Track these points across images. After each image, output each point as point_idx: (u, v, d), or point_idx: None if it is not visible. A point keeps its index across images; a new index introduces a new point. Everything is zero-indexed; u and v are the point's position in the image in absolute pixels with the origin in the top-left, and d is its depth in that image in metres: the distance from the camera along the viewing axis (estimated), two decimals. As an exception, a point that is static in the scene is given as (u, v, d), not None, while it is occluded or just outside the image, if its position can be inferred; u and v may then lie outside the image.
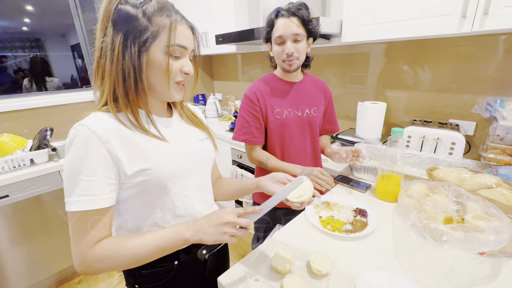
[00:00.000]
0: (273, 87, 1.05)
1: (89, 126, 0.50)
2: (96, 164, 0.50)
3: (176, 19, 0.54)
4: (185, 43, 0.55)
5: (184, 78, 0.58)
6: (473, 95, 1.24)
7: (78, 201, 0.49)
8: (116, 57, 0.51)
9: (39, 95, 1.93)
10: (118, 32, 0.51)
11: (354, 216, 0.85)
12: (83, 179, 0.49)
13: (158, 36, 0.52)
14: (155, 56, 0.53)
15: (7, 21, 1.82)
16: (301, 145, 1.09)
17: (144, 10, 0.51)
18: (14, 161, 1.45)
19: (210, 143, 0.73)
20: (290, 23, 0.91)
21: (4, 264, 1.44)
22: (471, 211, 0.72)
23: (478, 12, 0.91)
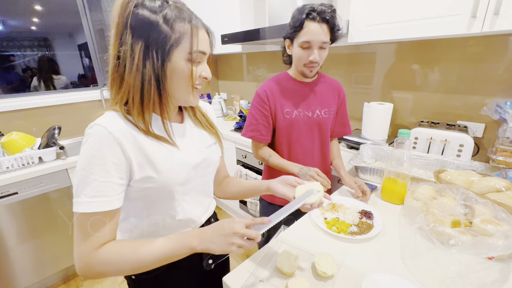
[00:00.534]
0: (285, 87, 1.04)
1: (106, 126, 0.49)
2: (110, 165, 0.49)
3: (197, 24, 0.53)
4: (205, 48, 0.55)
5: (202, 82, 0.58)
6: (482, 96, 1.22)
7: (91, 202, 0.48)
8: (136, 66, 0.50)
9: (48, 94, 1.95)
10: (138, 40, 0.49)
11: (359, 218, 0.84)
12: (96, 179, 0.48)
13: (180, 43, 0.51)
14: (177, 63, 0.52)
15: (17, 21, 1.85)
16: (308, 146, 1.08)
17: (165, 16, 0.50)
18: (23, 159, 1.47)
19: (217, 148, 0.73)
20: (320, 30, 0.88)
21: (12, 260, 1.47)
22: (480, 215, 0.71)
23: (489, 12, 0.89)
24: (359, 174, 1.16)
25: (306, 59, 0.93)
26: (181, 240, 0.53)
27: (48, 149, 1.55)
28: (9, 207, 1.41)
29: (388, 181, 0.94)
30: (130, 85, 0.51)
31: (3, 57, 1.84)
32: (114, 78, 0.53)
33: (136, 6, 0.49)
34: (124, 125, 0.52)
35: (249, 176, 1.80)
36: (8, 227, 1.43)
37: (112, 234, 0.53)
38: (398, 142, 0.89)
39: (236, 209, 2.21)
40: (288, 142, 1.07)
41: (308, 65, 0.95)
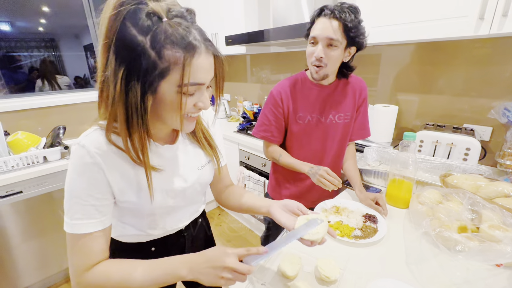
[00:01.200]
0: (300, 89, 1.00)
1: (88, 149, 0.48)
2: (92, 189, 0.49)
3: (192, 50, 0.43)
4: (202, 78, 0.47)
5: (197, 111, 0.52)
6: (489, 99, 1.20)
7: (75, 225, 0.49)
8: (118, 94, 0.44)
9: (53, 94, 1.97)
10: (121, 66, 0.42)
11: (363, 222, 0.83)
12: (78, 202, 0.49)
13: (169, 74, 0.43)
14: (165, 95, 0.45)
15: (25, 22, 1.87)
16: (319, 151, 1.06)
17: (153, 38, 0.41)
18: (28, 158, 1.48)
19: (211, 167, 0.70)
20: (329, 26, 0.82)
21: (16, 259, 1.48)
22: (487, 220, 0.70)
23: (497, 14, 0.87)
24: (363, 177, 1.14)
25: (312, 55, 0.89)
26: (169, 269, 0.51)
27: (52, 148, 1.56)
28: (13, 206, 1.42)
29: (393, 184, 0.92)
30: (114, 110, 0.46)
31: (11, 57, 1.87)
32: (101, 102, 0.49)
33: (123, 22, 0.41)
34: (107, 147, 0.49)
35: (252, 178, 1.79)
36: (13, 225, 1.44)
37: (103, 253, 0.52)
38: (404, 145, 0.88)
39: (248, 217, 2.20)
40: (298, 146, 1.06)
41: (314, 63, 0.89)
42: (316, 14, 0.87)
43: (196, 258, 0.51)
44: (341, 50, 0.86)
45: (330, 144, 1.05)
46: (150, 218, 0.62)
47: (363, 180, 1.14)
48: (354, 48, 0.90)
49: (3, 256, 1.44)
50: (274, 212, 0.64)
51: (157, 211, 0.60)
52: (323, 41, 0.85)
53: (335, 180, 0.85)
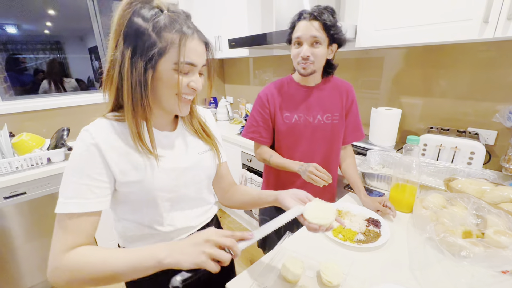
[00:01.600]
0: (286, 91, 1.04)
1: (91, 132, 0.52)
2: (91, 169, 0.51)
3: (187, 34, 0.51)
4: (195, 60, 0.53)
5: (191, 93, 0.57)
6: (494, 103, 1.19)
7: (67, 204, 0.50)
8: (125, 72, 0.50)
9: (58, 96, 2.00)
10: (128, 46, 0.50)
11: (366, 226, 0.83)
12: (74, 181, 0.50)
13: (167, 53, 0.51)
14: (163, 73, 0.52)
15: (31, 25, 1.90)
16: (308, 152, 1.06)
17: (154, 24, 0.50)
18: (32, 159, 1.50)
19: (212, 154, 0.71)
20: (310, 26, 0.88)
21: (19, 259, 1.49)
22: (493, 226, 0.69)
23: (502, 17, 0.87)
24: (366, 180, 1.14)
25: (298, 56, 0.93)
26: (148, 250, 0.48)
27: (56, 150, 1.58)
28: (17, 207, 1.43)
29: (396, 188, 0.92)
30: (120, 89, 0.53)
31: (17, 59, 1.89)
32: (107, 79, 0.54)
33: (132, 14, 0.50)
34: (110, 132, 0.54)
35: (254, 180, 1.79)
36: (16, 226, 1.45)
37: (87, 237, 0.52)
38: (407, 149, 0.88)
39: (240, 213, 2.20)
40: (287, 147, 1.07)
41: (301, 62, 0.93)
42: (296, 19, 0.93)
43: (177, 242, 0.49)
44: (325, 47, 0.92)
45: (319, 144, 1.06)
46: (154, 211, 0.61)
47: (366, 184, 1.13)
48: (335, 45, 0.95)
49: (6, 256, 1.45)
50: (282, 199, 0.64)
51: (157, 194, 0.59)
52: (308, 40, 0.90)
53: (325, 175, 0.86)
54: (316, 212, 0.58)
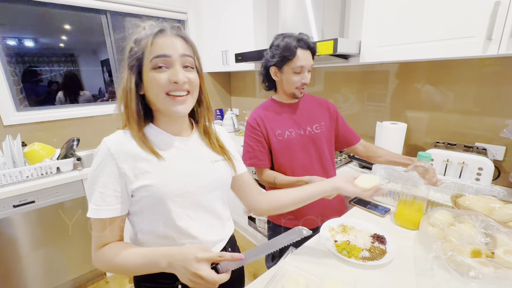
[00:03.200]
0: (273, 111, 1.09)
1: (107, 143, 0.58)
2: (106, 178, 0.57)
3: (153, 33, 0.56)
4: (166, 51, 0.56)
5: (177, 87, 0.57)
6: (501, 118, 1.18)
7: (94, 210, 0.57)
8: (124, 86, 0.59)
9: (69, 107, 2.06)
10: (126, 65, 0.59)
11: (371, 243, 0.81)
12: (96, 189, 0.57)
13: (143, 57, 0.56)
14: (145, 75, 0.57)
15: (48, 38, 1.99)
16: (307, 163, 1.08)
17: (136, 39, 0.58)
18: (42, 169, 1.53)
19: (226, 165, 0.72)
20: (309, 55, 0.99)
21: (25, 268, 1.50)
22: (502, 245, 0.67)
23: (505, 35, 0.88)
24: (371, 195, 1.12)
25: (299, 82, 1.00)
26: (152, 256, 0.56)
27: (66, 160, 1.61)
28: (25, 215, 1.46)
29: (404, 204, 0.90)
30: (122, 101, 0.60)
31: (33, 71, 1.97)
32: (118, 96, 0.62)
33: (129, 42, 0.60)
34: (125, 141, 0.59)
35: (259, 193, 1.78)
36: (23, 235, 1.47)
37: (114, 236, 0.61)
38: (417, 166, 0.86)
39: (245, 226, 2.18)
40: (287, 163, 1.08)
41: (300, 87, 1.02)
42: (294, 46, 0.96)
43: (175, 253, 0.54)
44: None
45: (314, 154, 1.09)
46: (168, 217, 0.61)
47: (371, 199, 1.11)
48: None
49: (13, 265, 1.46)
50: (342, 186, 0.72)
51: (170, 198, 0.60)
52: (308, 68, 1.00)
53: None
54: (366, 180, 0.71)
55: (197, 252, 0.53)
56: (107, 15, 2.09)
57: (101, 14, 2.08)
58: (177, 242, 0.64)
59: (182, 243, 0.64)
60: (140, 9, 2.18)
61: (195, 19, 2.45)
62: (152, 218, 0.62)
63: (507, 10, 0.86)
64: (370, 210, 1.02)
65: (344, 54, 1.43)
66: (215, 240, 0.70)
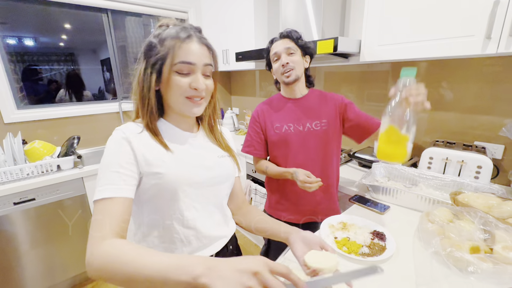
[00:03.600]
0: (275, 105, 1.14)
1: (122, 129, 0.60)
2: (123, 158, 0.57)
3: (181, 38, 0.58)
4: (192, 59, 0.58)
5: (196, 94, 0.61)
6: (500, 117, 1.18)
7: (103, 190, 0.53)
8: (140, 81, 0.61)
9: (70, 105, 2.06)
10: (143, 60, 0.61)
11: (371, 239, 0.82)
12: (109, 169, 0.56)
13: (167, 57, 0.58)
14: (166, 76, 0.58)
15: (48, 37, 1.99)
16: (301, 159, 1.09)
17: (159, 36, 0.59)
18: (42, 166, 1.54)
19: (231, 161, 0.75)
20: (283, 42, 1.03)
21: (24, 265, 1.50)
22: (501, 241, 0.68)
23: (504, 33, 0.89)
24: (371, 193, 1.13)
25: (280, 68, 1.04)
26: (183, 261, 0.41)
27: (66, 157, 1.61)
28: (25, 213, 1.46)
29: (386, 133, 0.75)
30: (136, 95, 0.63)
31: (33, 70, 1.97)
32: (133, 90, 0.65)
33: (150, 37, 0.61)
34: (137, 130, 0.61)
35: (259, 191, 1.79)
36: (23, 232, 1.47)
37: (121, 224, 0.52)
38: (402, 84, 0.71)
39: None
40: (281, 156, 1.12)
41: (283, 72, 1.04)
42: (269, 43, 1.08)
43: (218, 260, 0.41)
44: (299, 56, 1.03)
45: (313, 151, 1.09)
46: (175, 206, 0.62)
47: (372, 197, 1.12)
48: (308, 57, 1.08)
49: (12, 263, 1.46)
50: (293, 242, 0.64)
51: (180, 187, 0.61)
52: (284, 51, 1.02)
53: (314, 180, 0.93)
54: (317, 257, 0.56)
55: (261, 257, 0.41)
56: (108, 14, 2.10)
57: (102, 13, 2.09)
58: (179, 235, 0.64)
59: (185, 236, 0.64)
60: (141, 8, 2.19)
61: (196, 18, 2.45)
62: (158, 209, 0.63)
63: (506, 9, 0.87)
64: (370, 208, 1.02)
65: (344, 53, 1.44)
66: (217, 236, 0.71)
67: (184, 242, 0.65)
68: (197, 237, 0.66)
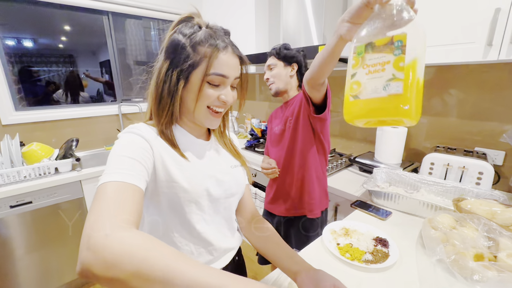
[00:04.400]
0: (279, 108, 1.30)
1: (138, 128, 0.55)
2: (138, 149, 0.50)
3: (219, 47, 0.53)
4: (226, 72, 0.55)
5: (221, 105, 0.58)
6: (501, 123, 1.19)
7: (110, 174, 0.44)
8: (160, 81, 0.55)
9: (69, 107, 2.05)
10: (166, 59, 0.55)
11: (374, 246, 0.81)
12: (123, 155, 0.48)
13: (199, 65, 0.53)
14: (195, 83, 0.54)
15: (47, 39, 1.98)
16: (278, 156, 1.23)
17: (192, 39, 0.53)
18: (40, 169, 1.52)
19: (243, 171, 0.72)
20: (268, 60, 1.20)
21: (19, 270, 1.47)
22: (505, 249, 0.67)
23: (505, 41, 0.89)
24: (372, 198, 1.12)
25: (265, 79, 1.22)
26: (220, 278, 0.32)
27: (64, 160, 1.60)
28: (21, 216, 1.44)
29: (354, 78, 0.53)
30: (152, 96, 0.57)
31: (31, 72, 1.96)
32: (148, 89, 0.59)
33: (176, 32, 0.55)
34: (153, 132, 0.57)
35: (258, 195, 1.77)
36: (18, 236, 1.45)
37: (131, 214, 0.40)
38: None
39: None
40: (271, 152, 1.30)
41: (268, 84, 1.21)
42: None
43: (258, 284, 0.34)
44: (280, 68, 1.15)
45: (286, 148, 1.17)
46: (185, 220, 0.59)
47: (373, 202, 1.12)
48: (295, 64, 1.16)
49: (6, 268, 1.43)
50: (301, 282, 0.56)
51: (195, 198, 0.58)
52: (266, 68, 1.21)
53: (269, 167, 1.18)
54: None
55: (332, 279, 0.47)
56: (109, 16, 2.10)
57: (103, 15, 2.09)
58: (190, 247, 0.62)
59: (195, 248, 0.62)
60: (142, 11, 2.19)
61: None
62: (167, 219, 0.60)
63: (507, 16, 0.88)
64: (372, 213, 1.02)
65: (344, 58, 1.44)
66: (227, 248, 0.69)
67: (194, 254, 0.63)
68: (208, 250, 0.64)
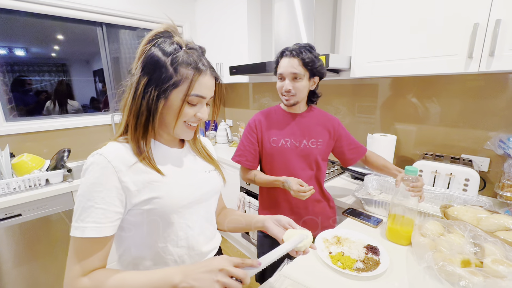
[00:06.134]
0: (274, 118, 1.12)
1: (105, 156, 0.53)
2: (107, 192, 0.52)
3: (201, 70, 0.57)
4: (204, 93, 0.59)
5: (196, 121, 0.62)
6: (485, 131, 1.23)
7: (86, 228, 0.50)
8: (138, 96, 0.56)
9: (60, 117, 2.03)
10: (145, 75, 0.55)
11: (365, 254, 0.82)
12: (93, 205, 0.51)
13: (180, 85, 0.56)
14: (173, 101, 0.57)
15: (39, 48, 1.98)
16: (297, 175, 1.07)
17: (173, 59, 0.55)
18: (30, 180, 1.49)
19: (217, 174, 0.75)
20: (291, 63, 0.98)
21: (5, 285, 1.43)
22: (490, 254, 0.69)
23: (484, 53, 0.94)
24: (364, 206, 1.14)
25: (281, 89, 1.04)
26: (163, 275, 0.50)
27: (55, 171, 1.57)
28: (9, 230, 1.40)
29: (393, 220, 0.89)
30: (129, 111, 0.57)
31: (23, 81, 1.94)
32: (122, 102, 0.60)
33: (154, 46, 0.56)
34: (124, 153, 0.56)
35: (252, 204, 1.78)
36: (5, 250, 1.40)
37: (102, 261, 0.54)
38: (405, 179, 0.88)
39: (238, 238, 2.15)
40: (276, 169, 1.11)
41: (283, 94, 1.04)
42: (279, 56, 1.04)
43: (191, 266, 0.52)
44: (305, 80, 1.01)
45: (307, 168, 1.11)
46: (170, 229, 0.62)
47: (364, 210, 1.13)
48: (317, 78, 1.05)
49: (-7, 282, 1.39)
50: (268, 226, 0.71)
51: (176, 210, 0.61)
52: (289, 76, 1.00)
53: (307, 189, 0.95)
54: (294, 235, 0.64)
55: (220, 256, 0.53)
56: (102, 27, 2.11)
57: (97, 26, 2.10)
58: (173, 256, 0.63)
59: (178, 256, 0.64)
60: (136, 22, 2.22)
61: (191, 32, 2.49)
62: (150, 233, 0.61)
63: (485, 31, 0.93)
64: (363, 221, 1.03)
65: (335, 68, 1.49)
66: (208, 250, 0.71)
67: (177, 262, 0.64)
68: (189, 255, 0.66)
